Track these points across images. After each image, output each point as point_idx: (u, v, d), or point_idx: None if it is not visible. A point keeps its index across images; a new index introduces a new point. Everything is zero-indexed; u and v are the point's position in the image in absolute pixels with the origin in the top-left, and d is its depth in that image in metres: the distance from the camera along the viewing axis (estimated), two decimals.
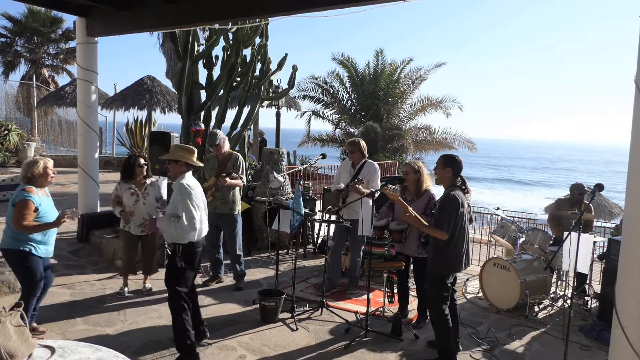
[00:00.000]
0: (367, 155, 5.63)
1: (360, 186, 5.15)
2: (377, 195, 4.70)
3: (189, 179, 3.90)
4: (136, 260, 5.57)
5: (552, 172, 64.16)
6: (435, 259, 3.99)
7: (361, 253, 5.59)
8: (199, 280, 5.59)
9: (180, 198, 3.78)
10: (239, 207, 5.76)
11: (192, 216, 3.76)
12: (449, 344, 3.98)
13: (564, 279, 5.86)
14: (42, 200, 3.97)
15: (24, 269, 4.04)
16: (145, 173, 5.33)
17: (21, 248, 3.97)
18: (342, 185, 5.44)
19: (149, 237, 5.41)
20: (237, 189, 5.70)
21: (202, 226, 3.94)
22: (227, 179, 5.30)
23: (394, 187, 4.21)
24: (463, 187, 3.99)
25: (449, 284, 4.02)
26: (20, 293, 4.49)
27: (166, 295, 5.41)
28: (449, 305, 4.03)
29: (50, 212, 4.05)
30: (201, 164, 3.99)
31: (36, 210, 3.88)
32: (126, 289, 5.41)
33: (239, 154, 5.73)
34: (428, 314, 4.93)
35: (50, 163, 4.10)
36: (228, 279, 5.95)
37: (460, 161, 4.01)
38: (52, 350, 2.02)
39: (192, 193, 3.82)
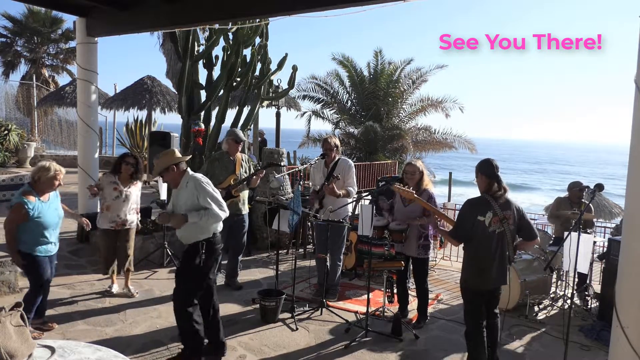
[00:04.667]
0: (340, 152, 5.48)
1: (335, 185, 5.03)
2: (355, 195, 4.56)
3: (196, 174, 3.84)
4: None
5: (552, 172, 64.17)
6: (462, 269, 3.83)
7: (341, 257, 5.51)
8: None
9: (199, 191, 3.69)
10: (247, 207, 5.80)
11: (219, 201, 3.74)
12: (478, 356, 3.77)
13: (564, 279, 5.86)
14: (37, 206, 3.99)
15: (27, 269, 4.12)
16: (132, 172, 5.12)
17: (21, 250, 4.02)
18: (318, 187, 5.35)
19: (122, 233, 5.21)
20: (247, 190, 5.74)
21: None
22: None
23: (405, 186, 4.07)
24: (497, 191, 3.61)
25: (475, 298, 3.71)
26: (22, 293, 4.49)
27: (166, 294, 5.43)
28: (483, 321, 3.73)
29: (46, 216, 4.05)
30: (185, 158, 3.89)
31: (26, 215, 3.91)
32: (115, 285, 5.35)
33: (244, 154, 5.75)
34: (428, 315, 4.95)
35: (60, 174, 4.13)
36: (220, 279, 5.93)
37: (485, 162, 3.70)
38: (52, 350, 2.02)
39: (208, 181, 3.80)
